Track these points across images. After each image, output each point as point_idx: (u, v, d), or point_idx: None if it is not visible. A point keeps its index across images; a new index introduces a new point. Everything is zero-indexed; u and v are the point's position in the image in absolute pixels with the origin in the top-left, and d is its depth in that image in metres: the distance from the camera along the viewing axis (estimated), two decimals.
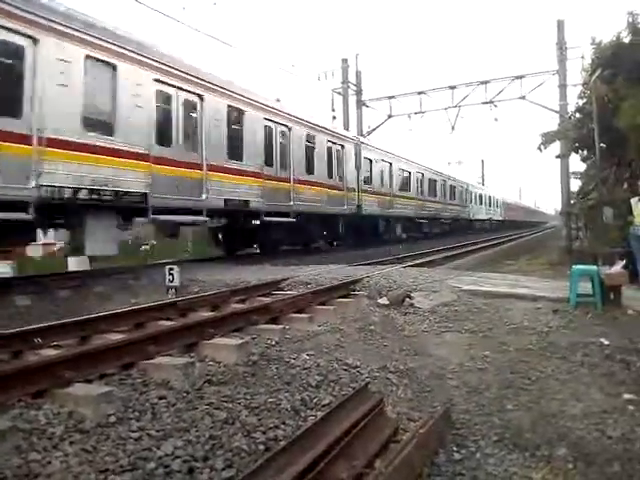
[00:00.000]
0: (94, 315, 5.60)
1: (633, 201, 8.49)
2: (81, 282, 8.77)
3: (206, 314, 6.09)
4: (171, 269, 7.81)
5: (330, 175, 17.47)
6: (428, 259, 14.50)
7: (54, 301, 7.50)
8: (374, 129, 28.66)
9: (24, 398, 3.19)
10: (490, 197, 48.08)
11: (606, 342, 5.04)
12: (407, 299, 6.83)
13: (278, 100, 15.25)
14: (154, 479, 2.44)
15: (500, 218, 51.55)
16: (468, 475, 2.69)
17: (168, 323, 5.56)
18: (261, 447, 2.83)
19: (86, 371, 3.66)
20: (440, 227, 32.09)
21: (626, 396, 3.84)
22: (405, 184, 25.31)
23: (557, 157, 19.75)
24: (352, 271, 9.43)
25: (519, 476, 2.71)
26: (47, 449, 2.65)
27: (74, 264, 13.99)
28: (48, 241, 16.58)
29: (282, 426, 3.09)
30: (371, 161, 21.17)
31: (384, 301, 6.88)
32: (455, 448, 2.98)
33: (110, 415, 3.06)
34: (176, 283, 7.78)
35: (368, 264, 11.36)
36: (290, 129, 14.92)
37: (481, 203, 43.40)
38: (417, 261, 13.30)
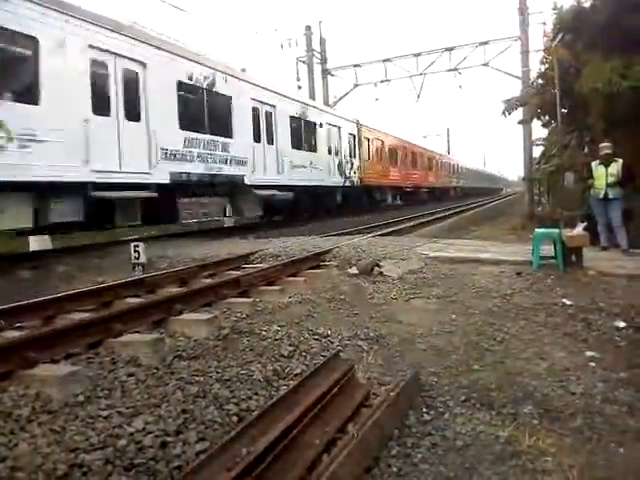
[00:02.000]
0: (58, 295, 5.46)
1: (593, 164, 8.67)
2: (44, 262, 8.53)
3: (174, 290, 6.01)
4: (136, 246, 7.63)
5: None
6: (396, 228, 14.62)
7: (16, 282, 7.28)
8: (341, 98, 28.39)
9: None
10: (315, 125, 18.51)
11: (568, 302, 5.20)
12: (376, 268, 6.89)
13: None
14: (126, 455, 2.41)
15: (347, 183, 21.37)
16: (437, 435, 2.75)
17: (135, 300, 5.47)
18: (234, 418, 2.84)
19: (52, 351, 3.58)
20: None
21: (588, 354, 3.99)
22: None
23: (519, 123, 19.94)
24: (321, 242, 9.43)
25: (486, 434, 2.78)
26: (14, 431, 2.59)
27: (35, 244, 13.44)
28: None
29: (255, 397, 3.10)
30: None
31: (354, 271, 6.92)
32: (425, 409, 3.04)
33: (78, 394, 3.01)
34: (142, 260, 7.62)
35: (337, 235, 11.38)
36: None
37: (272, 141, 15.33)
38: (385, 230, 13.40)
